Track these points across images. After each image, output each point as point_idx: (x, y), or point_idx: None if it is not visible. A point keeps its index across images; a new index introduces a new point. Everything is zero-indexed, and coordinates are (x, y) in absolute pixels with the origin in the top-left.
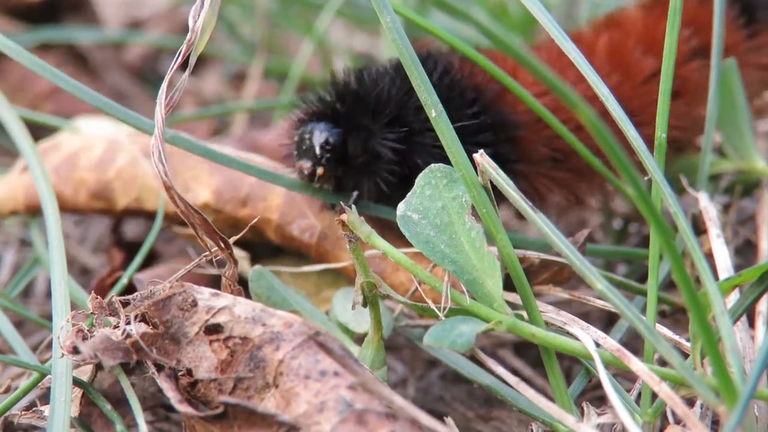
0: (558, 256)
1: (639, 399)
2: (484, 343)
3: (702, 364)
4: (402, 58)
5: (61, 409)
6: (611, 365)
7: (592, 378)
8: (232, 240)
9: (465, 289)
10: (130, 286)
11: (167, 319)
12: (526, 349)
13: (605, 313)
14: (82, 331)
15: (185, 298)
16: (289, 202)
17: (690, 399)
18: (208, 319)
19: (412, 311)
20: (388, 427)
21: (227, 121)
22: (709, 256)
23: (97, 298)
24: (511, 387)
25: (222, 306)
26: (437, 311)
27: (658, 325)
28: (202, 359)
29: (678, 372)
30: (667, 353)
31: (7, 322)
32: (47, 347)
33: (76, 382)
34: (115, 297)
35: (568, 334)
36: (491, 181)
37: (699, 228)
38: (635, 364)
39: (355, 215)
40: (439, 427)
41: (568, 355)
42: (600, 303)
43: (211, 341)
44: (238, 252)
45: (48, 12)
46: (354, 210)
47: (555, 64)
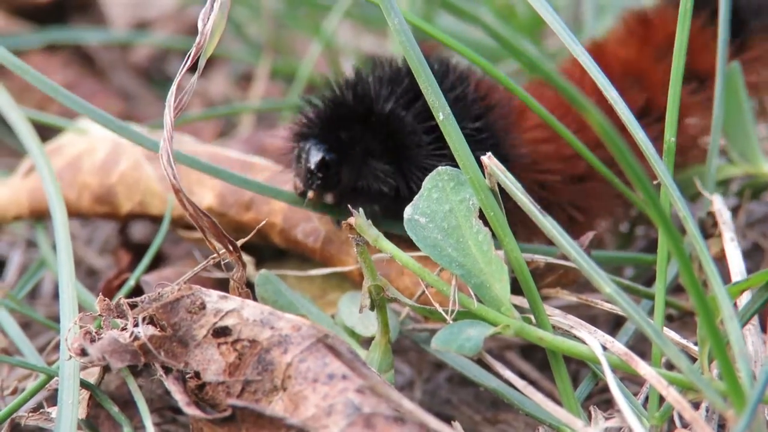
0: (564, 259)
1: (646, 402)
2: (491, 346)
3: (710, 369)
4: (409, 61)
5: (69, 411)
6: (618, 369)
7: (599, 381)
8: (239, 243)
9: (472, 293)
10: (138, 287)
11: (175, 322)
12: (533, 351)
13: (612, 315)
14: (90, 333)
15: (193, 301)
16: (293, 207)
17: (697, 403)
18: (216, 322)
19: (417, 315)
20: (396, 430)
21: (234, 122)
22: (717, 260)
23: (104, 300)
24: (518, 391)
25: (230, 309)
26: (445, 315)
27: (665, 329)
28: (210, 362)
29: (686, 376)
30: (675, 357)
31: (13, 324)
32: (54, 348)
33: (83, 384)
34: (123, 299)
35: (575, 337)
36: (498, 184)
37: (707, 232)
38: (643, 368)
39: (363, 218)
40: (446, 431)
41: (576, 359)
42: (608, 306)
43: (219, 344)
44: (243, 256)
45: (55, 12)
46: (362, 213)
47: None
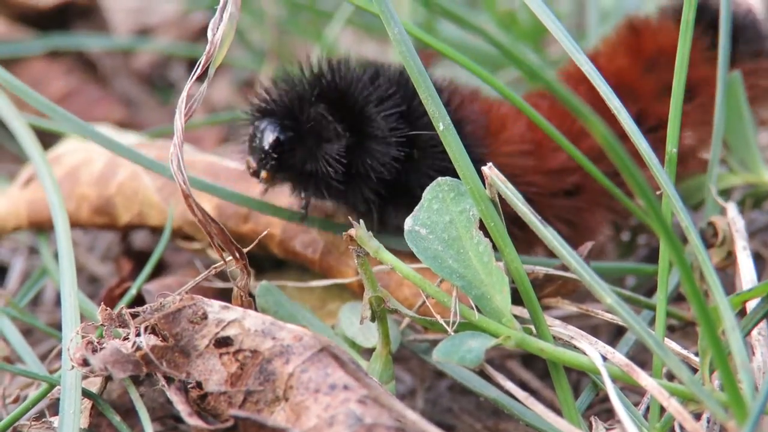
0: (564, 270)
1: (647, 413)
2: (492, 355)
3: (711, 379)
4: (409, 71)
5: (71, 421)
6: (619, 380)
7: (600, 391)
8: (246, 250)
9: (473, 304)
10: (139, 296)
11: (177, 332)
12: (534, 360)
13: (613, 325)
14: (92, 343)
15: (195, 311)
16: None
17: (699, 414)
18: (218, 332)
19: (417, 325)
20: None
21: (236, 128)
22: (718, 269)
23: (106, 310)
24: (519, 402)
25: (232, 319)
26: (446, 326)
27: (666, 340)
28: (212, 372)
29: (687, 387)
30: (676, 368)
31: (15, 331)
32: (56, 356)
33: (85, 394)
34: (125, 309)
35: (575, 348)
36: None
37: (707, 242)
38: (644, 380)
39: (363, 230)
40: None
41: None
42: (609, 317)
43: (221, 354)
44: None
45: (57, 19)
46: (362, 225)
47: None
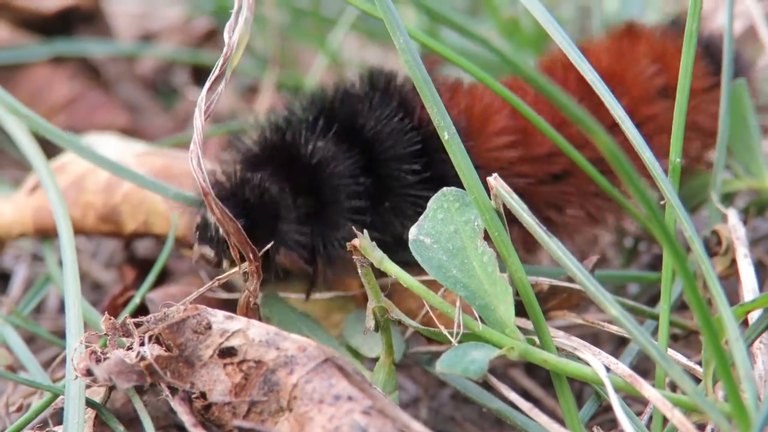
0: (569, 281)
1: (650, 423)
2: (495, 363)
3: (714, 390)
4: (415, 79)
5: (74, 431)
6: (622, 390)
7: (603, 401)
8: (260, 253)
9: (477, 314)
10: (143, 304)
11: (181, 342)
12: (538, 368)
13: (616, 334)
14: (96, 353)
15: (199, 321)
16: None
17: (702, 425)
18: (222, 342)
19: (420, 335)
20: None
21: (240, 134)
22: (722, 278)
23: (110, 319)
24: (521, 412)
25: (236, 329)
26: (449, 336)
27: (670, 350)
28: (216, 382)
29: (690, 398)
30: (680, 380)
31: (18, 340)
32: (60, 364)
33: (89, 403)
34: (129, 318)
35: (579, 359)
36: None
37: (711, 250)
38: (647, 390)
39: (367, 240)
40: None
41: None
42: (614, 329)
43: (225, 364)
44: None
45: (61, 24)
46: (366, 235)
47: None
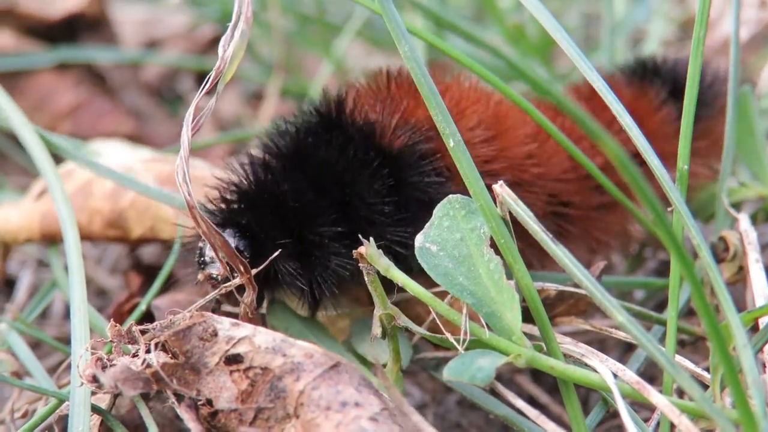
0: (575, 287)
1: (657, 429)
2: (502, 370)
3: (722, 396)
4: (420, 87)
5: None
6: (629, 397)
7: (610, 407)
8: (254, 272)
9: (483, 322)
10: (148, 311)
11: (187, 349)
12: (544, 374)
13: (622, 340)
14: (102, 359)
15: (205, 328)
16: None
17: (709, 431)
18: (228, 349)
19: (426, 341)
20: None
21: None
22: (729, 285)
23: (116, 326)
24: (528, 419)
25: (242, 336)
26: (456, 344)
27: (677, 357)
28: (223, 389)
29: (698, 405)
30: (688, 386)
31: (23, 345)
32: (65, 370)
33: (94, 410)
34: (135, 325)
35: (586, 365)
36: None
37: (718, 257)
38: (655, 397)
39: (373, 248)
40: None
41: None
42: (622, 335)
43: (231, 371)
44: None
45: (66, 31)
46: (372, 243)
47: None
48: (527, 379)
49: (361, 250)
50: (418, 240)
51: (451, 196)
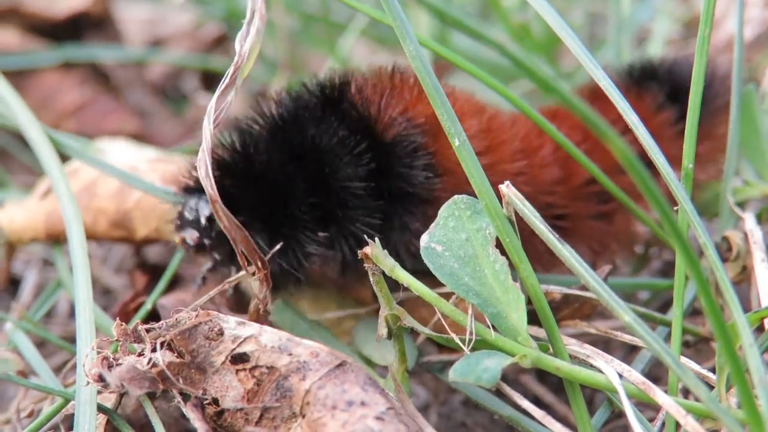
0: (582, 289)
1: (662, 429)
2: (507, 370)
3: (727, 396)
4: (425, 86)
5: None
6: (635, 397)
7: (615, 408)
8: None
9: (489, 322)
10: (154, 310)
11: (193, 348)
12: (548, 375)
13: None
14: (107, 359)
15: (211, 327)
16: None
17: (715, 431)
18: (234, 349)
19: (430, 341)
20: None
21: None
22: (733, 284)
23: (122, 326)
24: (533, 419)
25: (248, 335)
26: (462, 344)
27: (682, 357)
28: (229, 389)
29: (704, 405)
30: (694, 386)
31: (29, 345)
32: (71, 369)
33: (100, 409)
34: (140, 325)
35: (591, 366)
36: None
37: (722, 256)
38: (661, 397)
39: (378, 249)
40: None
41: None
42: (626, 337)
43: (237, 370)
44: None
45: (71, 30)
46: (377, 243)
47: None
48: (532, 379)
49: (366, 250)
50: (424, 240)
51: (456, 197)
